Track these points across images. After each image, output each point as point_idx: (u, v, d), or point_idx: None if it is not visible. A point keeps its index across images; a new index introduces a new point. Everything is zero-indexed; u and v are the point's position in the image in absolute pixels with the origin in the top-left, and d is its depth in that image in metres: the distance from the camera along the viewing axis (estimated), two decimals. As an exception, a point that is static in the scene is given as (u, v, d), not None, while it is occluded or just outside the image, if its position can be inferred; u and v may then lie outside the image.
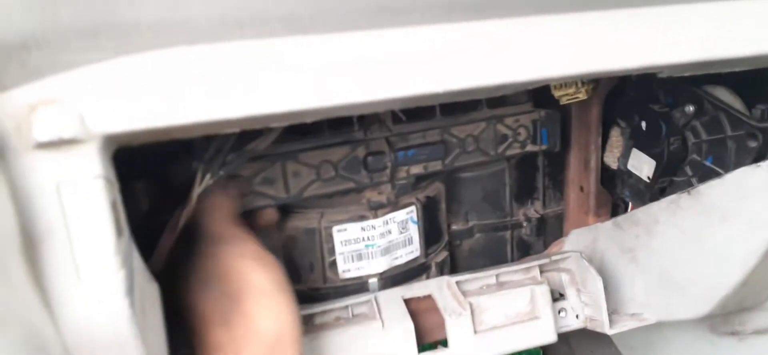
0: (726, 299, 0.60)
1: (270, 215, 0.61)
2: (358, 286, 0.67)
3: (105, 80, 0.29)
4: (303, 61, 0.32)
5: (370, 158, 0.62)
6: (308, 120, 0.36)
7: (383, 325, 0.60)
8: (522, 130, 0.70)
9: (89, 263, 0.31)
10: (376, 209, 0.65)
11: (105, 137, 0.30)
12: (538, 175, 0.82)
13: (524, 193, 0.83)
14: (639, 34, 0.39)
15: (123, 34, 0.29)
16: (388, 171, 0.63)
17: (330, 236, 0.64)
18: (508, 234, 0.84)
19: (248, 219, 0.58)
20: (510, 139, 0.70)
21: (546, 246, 0.86)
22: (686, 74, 0.46)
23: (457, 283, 0.65)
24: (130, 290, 0.33)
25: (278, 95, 0.32)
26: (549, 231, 0.86)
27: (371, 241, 0.66)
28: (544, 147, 0.72)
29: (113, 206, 0.32)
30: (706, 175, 0.64)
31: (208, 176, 0.49)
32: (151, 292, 0.41)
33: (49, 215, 0.30)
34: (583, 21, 0.38)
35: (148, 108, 0.30)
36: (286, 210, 0.64)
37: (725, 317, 0.69)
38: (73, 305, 0.31)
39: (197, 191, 0.49)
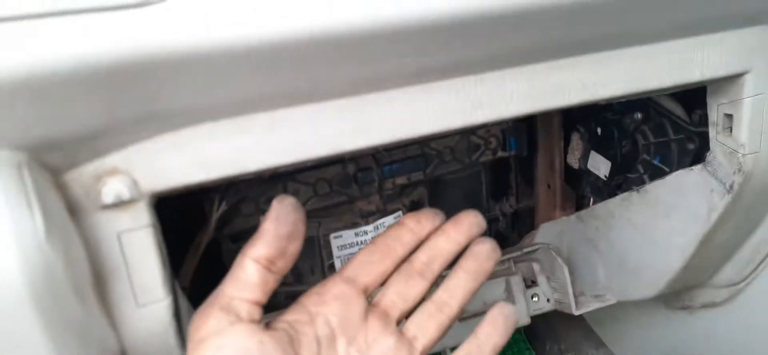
0: (672, 281, 0.69)
1: None
2: (354, 284, 0.76)
3: (152, 152, 0.38)
4: (301, 124, 0.40)
5: (359, 174, 0.71)
6: (309, 165, 0.44)
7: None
8: (492, 140, 0.79)
9: (144, 293, 0.40)
10: (367, 217, 0.74)
11: (152, 195, 0.39)
12: (510, 174, 0.92)
13: (499, 191, 0.92)
14: (577, 77, 0.48)
15: (164, 118, 0.37)
16: (375, 184, 0.72)
17: (328, 243, 0.73)
18: (487, 228, 0.93)
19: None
20: (482, 148, 0.79)
21: (520, 237, 0.95)
22: (622, 101, 0.54)
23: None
24: (176, 313, 0.42)
25: (281, 152, 0.41)
26: (522, 223, 0.95)
27: (364, 244, 0.75)
28: (513, 153, 0.81)
29: (159, 246, 0.41)
30: (655, 172, 0.73)
31: (223, 203, 0.58)
32: (184, 304, 0.50)
33: (112, 258, 0.39)
34: (534, 71, 0.47)
35: (185, 170, 0.39)
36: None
37: (676, 294, 0.79)
38: (134, 327, 0.40)
39: (216, 215, 0.58)
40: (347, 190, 0.71)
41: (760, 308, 0.72)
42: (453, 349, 0.72)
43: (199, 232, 0.58)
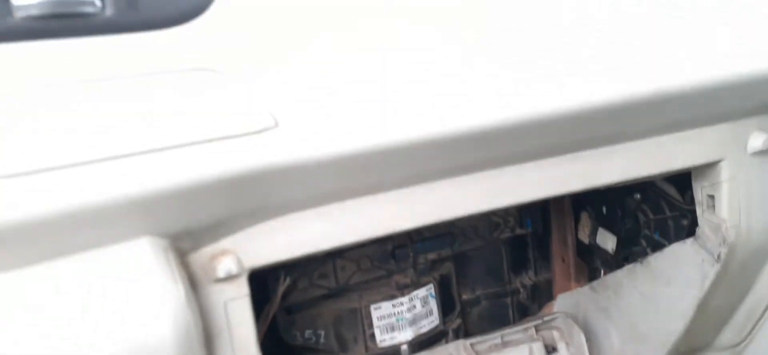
0: (677, 343, 0.77)
1: None
2: (392, 352, 0.85)
3: (252, 236, 0.49)
4: (365, 211, 0.52)
5: (397, 251, 0.81)
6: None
7: (417, 381, 0.78)
8: (510, 218, 0.90)
9: (241, 349, 0.50)
10: (403, 289, 0.84)
11: (250, 270, 0.50)
12: (528, 249, 1.01)
13: (519, 265, 1.02)
14: (581, 167, 0.59)
15: (265, 211, 0.48)
16: (410, 260, 0.82)
17: (368, 313, 0.83)
18: (508, 300, 1.02)
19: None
20: (501, 226, 0.90)
21: (540, 307, 1.04)
22: (619, 185, 0.65)
23: (471, 344, 0.83)
24: (264, 365, 0.52)
25: (350, 232, 0.52)
26: (541, 294, 1.04)
27: (401, 314, 0.84)
28: (529, 231, 0.92)
29: (252, 313, 0.51)
30: (656, 245, 0.83)
31: (288, 278, 0.69)
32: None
33: (219, 322, 0.49)
34: (544, 165, 0.58)
35: (275, 250, 0.50)
36: (333, 295, 0.82)
37: (684, 356, 0.87)
38: (234, 377, 0.50)
39: (281, 289, 0.68)
40: (386, 265, 0.82)
41: (761, 365, 0.80)
42: None
43: (265, 304, 0.68)
